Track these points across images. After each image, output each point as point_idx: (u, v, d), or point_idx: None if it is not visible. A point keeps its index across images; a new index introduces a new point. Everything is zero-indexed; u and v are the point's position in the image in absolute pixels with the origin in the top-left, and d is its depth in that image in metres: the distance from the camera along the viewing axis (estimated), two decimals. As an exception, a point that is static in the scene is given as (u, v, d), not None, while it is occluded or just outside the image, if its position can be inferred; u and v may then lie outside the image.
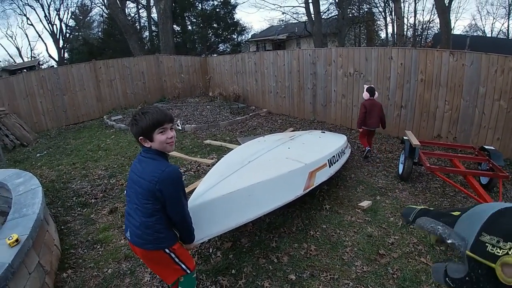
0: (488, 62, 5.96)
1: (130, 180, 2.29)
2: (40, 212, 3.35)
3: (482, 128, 6.25)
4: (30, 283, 2.74)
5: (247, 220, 3.07)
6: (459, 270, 0.78)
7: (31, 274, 2.80)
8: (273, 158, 3.93)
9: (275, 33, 30.72)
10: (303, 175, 3.80)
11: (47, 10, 32.05)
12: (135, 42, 17.43)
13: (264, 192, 3.29)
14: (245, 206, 3.10)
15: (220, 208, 2.91)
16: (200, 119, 10.00)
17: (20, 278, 2.64)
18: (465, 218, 0.80)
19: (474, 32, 34.45)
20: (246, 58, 11.82)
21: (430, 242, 3.64)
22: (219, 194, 2.95)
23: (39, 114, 10.49)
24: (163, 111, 2.17)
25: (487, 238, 0.69)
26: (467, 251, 0.73)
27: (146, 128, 2.11)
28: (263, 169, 3.57)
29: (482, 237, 0.70)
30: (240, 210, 3.05)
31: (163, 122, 2.12)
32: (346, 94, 8.46)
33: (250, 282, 3.13)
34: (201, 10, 24.16)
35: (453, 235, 0.79)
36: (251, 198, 3.16)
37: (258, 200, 3.22)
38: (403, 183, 5.27)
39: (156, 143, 2.14)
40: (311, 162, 3.96)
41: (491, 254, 0.68)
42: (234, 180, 3.23)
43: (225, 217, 2.93)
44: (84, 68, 11.41)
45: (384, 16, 27.90)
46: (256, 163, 3.70)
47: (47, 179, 6.01)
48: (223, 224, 2.89)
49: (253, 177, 3.30)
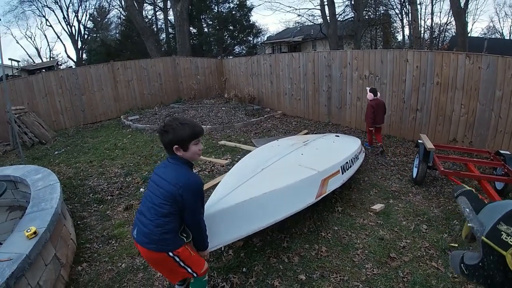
0: (504, 65, 5.87)
1: (151, 181, 2.40)
2: (58, 207, 3.46)
3: (498, 132, 6.16)
4: (46, 274, 2.84)
5: (259, 228, 3.15)
6: (474, 257, 0.83)
7: (47, 265, 2.90)
8: (286, 165, 3.95)
9: (290, 35, 30.73)
10: (315, 182, 3.82)
11: (65, 12, 32.56)
12: (152, 43, 17.67)
13: (277, 201, 3.34)
14: (258, 214, 3.17)
15: (233, 217, 2.99)
16: (215, 120, 10.08)
17: (37, 270, 2.73)
18: (490, 208, 0.86)
19: (492, 35, 33.83)
20: (261, 60, 11.87)
21: (443, 248, 3.62)
22: (233, 202, 3.02)
23: (58, 113, 10.75)
24: (199, 125, 2.36)
25: (504, 227, 0.73)
26: (483, 236, 0.77)
27: (185, 138, 2.24)
28: (276, 177, 3.60)
29: (499, 225, 0.74)
30: (253, 219, 3.13)
31: (200, 134, 2.30)
32: (362, 97, 8.43)
33: (261, 280, 3.16)
34: (217, 13, 24.32)
35: (475, 220, 0.85)
36: (264, 206, 3.22)
37: (271, 209, 3.28)
38: (417, 187, 5.23)
39: (189, 153, 2.28)
40: (323, 170, 3.96)
41: (504, 242, 0.72)
42: (248, 188, 3.28)
43: (238, 226, 3.02)
44: (102, 69, 11.64)
45: (400, 18, 27.64)
46: (269, 170, 3.73)
47: (65, 176, 6.15)
48: (236, 232, 2.98)
49: (266, 186, 3.34)
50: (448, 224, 4.14)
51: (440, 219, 4.29)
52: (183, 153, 2.27)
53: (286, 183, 3.47)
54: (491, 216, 0.78)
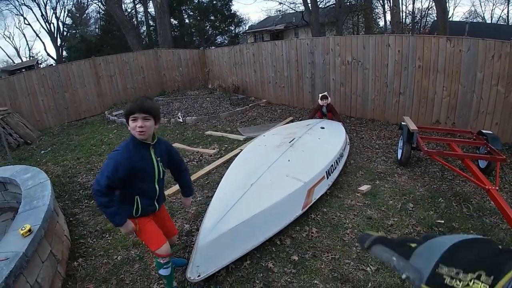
0: (485, 47, 6.01)
1: None
2: (50, 204, 3.45)
3: (480, 113, 6.33)
4: (43, 271, 2.85)
5: (251, 247, 3.28)
6: None
7: (44, 262, 2.91)
8: (274, 177, 4.00)
9: (272, 24, 30.63)
10: (301, 194, 3.90)
11: (43, 9, 32.04)
12: (133, 37, 17.45)
13: (266, 219, 3.45)
14: (250, 235, 3.30)
15: (227, 242, 3.12)
16: (200, 111, 10.07)
17: (34, 267, 2.75)
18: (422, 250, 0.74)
19: (473, 19, 34.20)
20: (244, 50, 11.86)
21: (429, 225, 3.75)
22: (226, 228, 3.14)
23: (41, 112, 10.57)
24: (141, 102, 2.35)
25: (445, 270, 0.65)
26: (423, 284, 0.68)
27: (125, 113, 2.41)
28: (265, 193, 3.67)
29: (439, 269, 0.66)
30: (245, 241, 3.26)
31: (133, 111, 2.33)
32: (345, 82, 8.54)
33: (255, 263, 3.25)
34: (198, 3, 24.10)
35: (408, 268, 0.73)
36: (255, 227, 3.34)
37: (261, 228, 3.40)
38: (402, 168, 5.37)
39: (130, 128, 2.37)
40: (309, 179, 4.02)
41: (449, 287, 0.63)
42: (238, 211, 3.36)
43: (232, 249, 3.15)
44: (84, 65, 11.45)
45: (382, 3, 27.80)
46: (258, 186, 3.79)
47: (53, 174, 6.11)
48: (230, 256, 3.12)
49: (256, 206, 3.44)
50: (433, 202, 4.28)
51: (426, 197, 4.43)
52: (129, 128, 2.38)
53: (274, 200, 3.56)
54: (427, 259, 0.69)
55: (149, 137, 2.42)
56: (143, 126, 2.31)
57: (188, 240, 3.75)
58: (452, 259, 0.65)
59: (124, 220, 2.45)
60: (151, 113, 2.35)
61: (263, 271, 3.15)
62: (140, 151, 2.42)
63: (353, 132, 7.33)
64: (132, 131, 2.35)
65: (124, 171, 2.33)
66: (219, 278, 3.08)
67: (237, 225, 3.19)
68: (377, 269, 3.09)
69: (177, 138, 7.74)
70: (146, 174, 2.48)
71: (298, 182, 3.92)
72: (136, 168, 2.39)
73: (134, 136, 2.37)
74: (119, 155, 2.36)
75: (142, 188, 2.51)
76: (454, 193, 4.54)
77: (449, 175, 5.10)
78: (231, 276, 3.10)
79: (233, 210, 3.38)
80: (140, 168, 2.42)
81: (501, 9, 52.37)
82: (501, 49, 5.82)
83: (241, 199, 3.53)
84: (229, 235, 3.13)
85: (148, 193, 2.57)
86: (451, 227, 3.73)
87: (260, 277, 3.08)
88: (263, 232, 3.41)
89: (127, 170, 2.34)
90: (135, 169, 2.39)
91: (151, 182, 2.54)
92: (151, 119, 2.36)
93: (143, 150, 2.43)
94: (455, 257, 0.66)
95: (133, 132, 2.36)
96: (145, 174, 2.48)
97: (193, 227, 4.00)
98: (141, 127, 2.31)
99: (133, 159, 2.38)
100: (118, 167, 2.32)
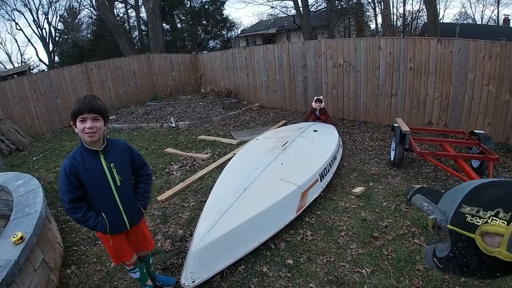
0: (475, 48, 6.06)
1: None
2: (42, 211, 3.42)
3: (472, 113, 6.37)
4: (36, 279, 2.81)
5: (246, 252, 3.27)
6: (443, 248, 0.80)
7: (36, 270, 2.86)
8: (267, 181, 3.99)
9: (264, 28, 30.74)
10: (295, 198, 3.90)
11: (35, 15, 31.82)
12: (125, 42, 17.39)
13: (260, 224, 3.44)
14: (244, 240, 3.29)
15: (220, 248, 3.12)
16: (193, 115, 10.05)
17: (26, 275, 2.71)
18: (448, 194, 0.82)
19: (464, 20, 34.62)
20: (236, 54, 11.87)
21: (424, 225, 3.76)
22: (220, 233, 3.13)
23: (33, 118, 10.47)
24: (89, 101, 2.16)
25: (466, 210, 0.70)
26: (448, 225, 0.74)
27: (71, 114, 2.18)
28: (258, 197, 3.66)
29: (462, 209, 0.71)
30: (239, 246, 3.25)
31: (81, 111, 2.13)
32: (337, 85, 8.56)
33: (250, 268, 3.23)
34: (190, 8, 24.03)
35: (436, 211, 0.81)
36: (249, 232, 3.33)
37: (255, 233, 3.39)
38: (395, 169, 5.38)
39: (78, 130, 2.18)
40: (303, 183, 4.02)
41: (470, 224, 0.68)
42: (232, 215, 3.35)
43: (227, 254, 3.15)
44: (76, 70, 11.39)
45: (373, 6, 28.00)
46: (251, 190, 3.78)
47: (45, 181, 6.04)
48: (224, 261, 3.11)
49: (249, 210, 3.43)
50: (427, 203, 4.28)
51: (419, 198, 4.43)
52: (76, 130, 2.19)
53: (268, 204, 3.55)
54: (452, 202, 0.76)
55: (99, 139, 2.25)
56: (93, 127, 2.14)
57: (181, 246, 3.72)
58: (473, 199, 0.72)
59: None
60: (101, 112, 2.20)
61: (258, 276, 3.13)
62: (85, 159, 2.24)
63: (346, 135, 7.35)
64: (80, 133, 2.17)
65: (73, 179, 2.21)
66: (213, 283, 3.05)
67: (231, 230, 3.18)
68: (373, 271, 3.09)
69: (170, 143, 7.70)
70: (96, 185, 2.29)
71: (291, 185, 3.91)
72: (81, 177, 2.23)
73: (82, 142, 2.23)
74: (65, 163, 2.23)
75: (98, 200, 2.34)
76: (448, 193, 4.54)
77: (442, 175, 5.12)
78: (226, 281, 3.08)
79: (227, 215, 3.36)
80: (86, 178, 2.24)
81: (491, 10, 52.86)
82: (492, 49, 5.87)
83: (235, 204, 3.52)
84: (223, 240, 3.11)
85: (108, 206, 2.37)
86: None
87: (255, 282, 3.06)
88: (257, 236, 3.40)
89: (75, 178, 2.21)
90: (81, 178, 2.23)
91: (106, 192, 2.34)
92: (101, 120, 2.20)
93: (90, 157, 2.26)
94: (476, 197, 0.72)
95: (81, 135, 2.18)
96: (95, 185, 2.29)
97: (186, 232, 3.97)
98: (90, 128, 2.14)
99: (78, 168, 2.21)
100: (67, 176, 2.20)
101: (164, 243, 3.77)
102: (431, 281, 2.93)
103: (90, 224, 2.32)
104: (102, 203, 2.35)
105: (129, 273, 2.82)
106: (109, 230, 2.39)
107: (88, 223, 2.30)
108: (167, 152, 6.98)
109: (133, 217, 2.52)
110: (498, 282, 2.89)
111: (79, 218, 2.28)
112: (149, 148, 7.40)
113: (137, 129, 9.45)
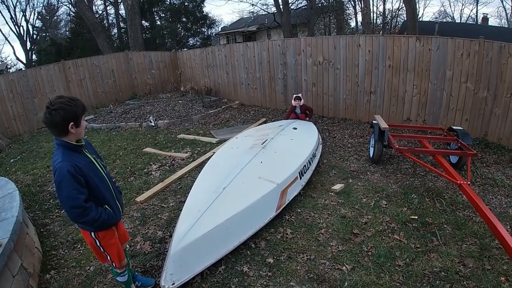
0: (454, 46, 6.14)
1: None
2: (19, 215, 3.34)
3: (450, 110, 6.46)
4: (15, 286, 2.73)
5: (226, 252, 3.24)
6: None
7: (15, 277, 2.79)
8: (247, 179, 3.96)
9: (245, 25, 30.66)
10: (275, 196, 3.87)
11: (13, 12, 30.87)
12: (103, 40, 17.07)
13: (240, 223, 3.41)
14: (224, 240, 3.25)
15: (201, 248, 3.08)
16: (172, 114, 9.92)
17: (5, 282, 2.63)
18: None
19: (443, 19, 35.21)
20: (216, 51, 11.76)
21: (403, 221, 3.78)
22: (199, 234, 3.09)
23: (10, 119, 10.13)
24: (81, 101, 2.25)
25: None
26: None
27: (79, 113, 2.19)
28: (238, 196, 3.63)
29: None
30: (219, 246, 3.22)
31: (86, 109, 2.27)
32: (317, 82, 8.57)
33: (230, 268, 3.18)
34: (170, 5, 23.76)
35: None
36: (229, 231, 3.29)
37: (235, 232, 3.36)
38: (374, 166, 5.41)
39: (81, 128, 2.22)
40: (282, 181, 4.00)
41: None
42: (211, 215, 3.31)
43: (207, 255, 3.11)
44: (53, 69, 11.09)
45: (353, 5, 28.27)
46: (230, 189, 3.74)
47: (23, 183, 5.85)
48: (205, 261, 3.08)
49: (229, 209, 3.40)
50: (406, 198, 4.33)
51: (399, 194, 4.47)
52: (75, 130, 2.17)
53: (247, 203, 3.52)
54: None
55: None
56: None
57: (161, 247, 3.65)
58: None
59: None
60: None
61: (239, 276, 3.09)
62: (76, 157, 2.23)
63: (325, 132, 7.37)
64: (78, 131, 2.21)
65: (80, 178, 2.18)
66: (194, 285, 3.00)
67: (210, 230, 3.13)
68: (353, 268, 3.09)
69: (149, 142, 7.57)
70: (96, 177, 2.32)
71: (271, 184, 3.88)
72: (85, 173, 2.22)
73: (65, 141, 2.19)
74: (65, 166, 2.13)
75: (102, 192, 2.37)
76: (427, 188, 4.60)
77: (421, 171, 5.17)
78: (206, 282, 3.03)
79: (206, 214, 3.31)
80: (88, 172, 2.25)
81: (470, 9, 53.68)
82: (470, 47, 5.95)
83: (214, 203, 3.48)
84: (202, 240, 3.07)
85: (109, 195, 2.44)
86: (425, 222, 3.76)
87: (235, 282, 3.02)
88: (237, 235, 3.36)
89: (81, 176, 2.19)
90: (84, 174, 2.22)
91: (104, 182, 2.41)
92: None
93: (78, 154, 2.26)
94: None
95: (78, 133, 2.21)
96: (96, 178, 2.32)
97: (166, 234, 3.89)
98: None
99: (78, 165, 2.19)
100: (74, 177, 2.15)
101: (144, 245, 3.68)
102: (411, 277, 2.94)
103: (104, 219, 2.31)
104: (105, 193, 2.39)
105: (116, 277, 2.73)
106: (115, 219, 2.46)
107: (102, 218, 2.30)
108: (146, 152, 6.86)
109: (121, 202, 2.61)
110: (479, 276, 2.92)
111: (93, 217, 2.25)
112: (128, 148, 7.25)
113: (115, 128, 9.26)
